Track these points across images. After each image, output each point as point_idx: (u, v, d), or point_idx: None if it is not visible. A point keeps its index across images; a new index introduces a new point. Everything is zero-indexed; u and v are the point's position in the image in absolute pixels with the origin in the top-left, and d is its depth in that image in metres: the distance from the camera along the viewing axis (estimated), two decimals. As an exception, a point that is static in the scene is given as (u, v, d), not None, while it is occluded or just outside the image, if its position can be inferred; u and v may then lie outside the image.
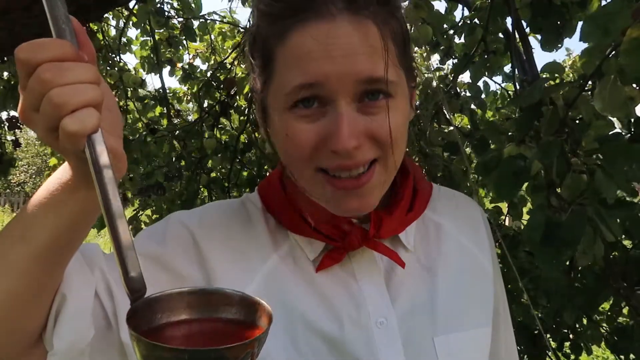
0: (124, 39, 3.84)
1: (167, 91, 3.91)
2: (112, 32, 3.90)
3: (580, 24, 1.03)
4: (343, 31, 0.60)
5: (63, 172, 0.55)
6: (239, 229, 0.76)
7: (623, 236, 1.29)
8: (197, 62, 4.04)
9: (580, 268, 1.54)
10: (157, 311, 0.50)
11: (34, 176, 19.48)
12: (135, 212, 3.03)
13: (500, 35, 2.04)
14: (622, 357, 1.67)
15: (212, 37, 4.08)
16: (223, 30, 4.20)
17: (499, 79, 3.01)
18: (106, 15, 3.79)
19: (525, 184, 1.32)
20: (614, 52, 0.98)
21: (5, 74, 3.17)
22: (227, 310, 0.52)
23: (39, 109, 0.46)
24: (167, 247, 0.72)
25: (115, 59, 3.59)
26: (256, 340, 0.46)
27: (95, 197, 0.49)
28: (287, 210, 0.75)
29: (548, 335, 2.10)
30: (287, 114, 0.64)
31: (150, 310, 0.50)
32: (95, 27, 3.52)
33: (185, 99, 4.12)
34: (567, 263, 1.55)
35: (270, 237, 0.76)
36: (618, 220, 1.19)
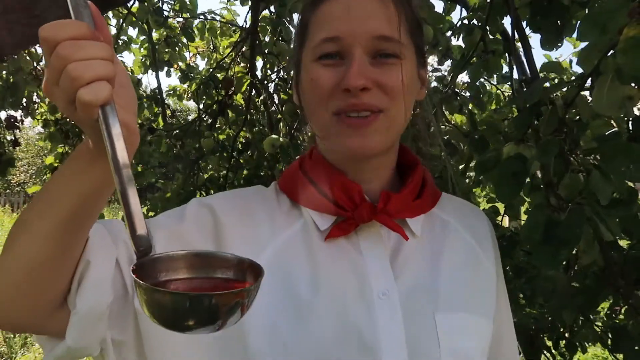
0: (124, 38, 3.85)
1: (167, 89, 3.92)
2: (113, 31, 3.90)
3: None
4: (363, 0, 0.74)
5: (84, 146, 0.60)
6: (254, 207, 0.83)
7: (620, 236, 1.30)
8: (198, 59, 4.05)
9: (576, 267, 1.55)
10: (160, 269, 0.55)
11: (34, 176, 19.43)
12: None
13: (499, 35, 2.05)
14: (619, 356, 1.67)
15: (212, 35, 4.08)
16: (222, 29, 4.20)
17: (493, 80, 3.00)
18: (107, 15, 3.79)
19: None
20: (612, 51, 0.98)
21: (4, 73, 3.17)
22: (225, 271, 0.57)
23: (59, 83, 0.51)
24: (183, 223, 0.78)
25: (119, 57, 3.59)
26: (245, 291, 0.51)
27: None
28: (303, 185, 0.83)
29: (544, 335, 2.11)
30: (314, 63, 0.76)
31: (153, 268, 0.54)
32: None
33: (185, 96, 4.12)
34: (565, 262, 1.56)
35: (284, 217, 0.82)
36: (617, 219, 1.20)
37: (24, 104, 3.65)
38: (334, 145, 0.78)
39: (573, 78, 1.33)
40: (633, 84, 1.14)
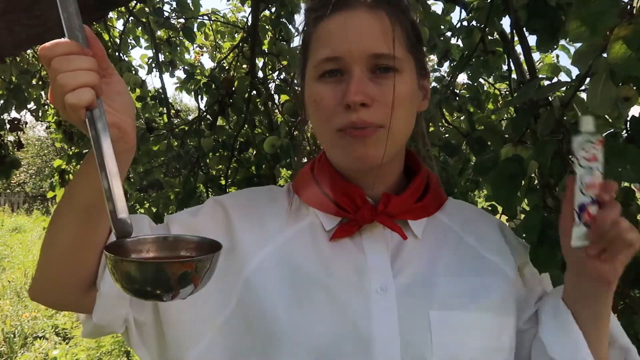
0: (131, 40, 3.86)
1: (175, 81, 3.93)
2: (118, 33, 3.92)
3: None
4: (359, 17, 0.77)
5: None
6: (263, 204, 0.90)
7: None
8: (204, 57, 4.06)
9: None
10: (133, 250, 0.62)
11: (34, 176, 19.46)
12: (131, 206, 3.04)
13: (498, 36, 2.05)
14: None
15: (213, 36, 4.09)
16: (220, 30, 4.21)
17: (491, 79, 3.01)
18: (112, 16, 3.81)
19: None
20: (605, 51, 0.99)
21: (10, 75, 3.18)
22: (189, 250, 0.64)
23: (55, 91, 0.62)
24: (198, 218, 0.87)
25: (123, 57, 3.63)
26: (193, 261, 0.57)
27: (127, 157, 0.72)
28: (311, 187, 0.88)
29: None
30: (316, 82, 0.80)
31: (128, 249, 0.61)
32: (100, 29, 3.54)
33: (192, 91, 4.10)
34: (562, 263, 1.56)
35: (293, 215, 0.87)
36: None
37: (31, 107, 3.69)
38: (339, 157, 0.83)
39: (569, 80, 1.33)
40: (631, 85, 1.15)
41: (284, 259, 0.81)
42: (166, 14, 3.49)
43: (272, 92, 3.11)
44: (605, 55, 1.00)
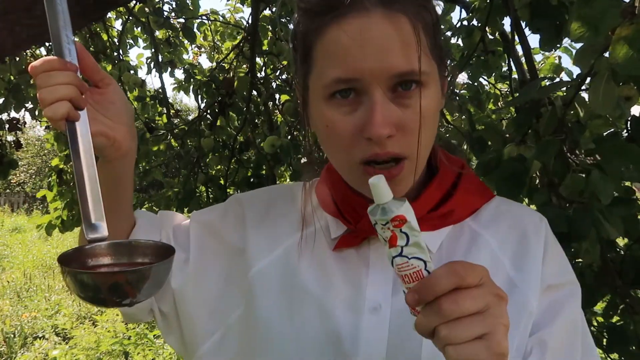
0: (129, 40, 3.86)
1: (173, 82, 3.93)
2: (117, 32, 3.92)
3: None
4: (376, 26, 0.63)
5: None
6: (280, 205, 0.86)
7: (622, 235, 1.30)
8: (203, 58, 4.07)
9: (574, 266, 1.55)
10: (90, 256, 0.65)
11: (34, 176, 19.44)
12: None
13: (498, 36, 2.05)
14: (614, 356, 1.67)
15: (212, 36, 4.09)
16: (220, 30, 4.21)
17: (491, 78, 3.01)
18: (110, 16, 3.81)
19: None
20: (607, 51, 0.99)
21: (8, 75, 3.18)
22: (143, 256, 0.67)
23: None
24: (219, 218, 0.88)
25: (121, 57, 3.63)
26: (124, 272, 0.59)
27: (124, 163, 0.78)
28: (325, 190, 0.83)
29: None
30: (326, 104, 0.67)
31: (85, 255, 0.64)
32: (99, 29, 3.54)
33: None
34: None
35: (305, 216, 0.83)
36: (620, 218, 1.20)
37: (29, 106, 3.68)
38: (360, 189, 0.73)
39: (569, 80, 1.33)
40: (632, 84, 1.15)
41: (286, 266, 0.79)
42: (165, 13, 3.49)
43: (272, 92, 3.11)
44: (606, 55, 1.00)
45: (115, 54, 3.59)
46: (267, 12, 3.28)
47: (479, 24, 2.07)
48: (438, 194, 0.76)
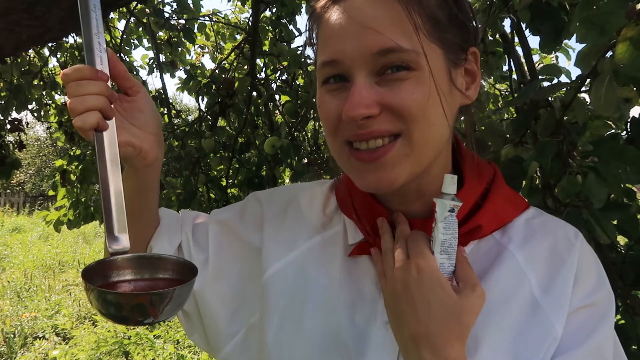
0: (134, 40, 3.87)
1: (177, 82, 3.94)
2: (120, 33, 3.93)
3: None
4: (359, 4, 0.63)
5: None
6: (297, 205, 0.84)
7: (615, 242, 1.30)
8: (205, 58, 4.07)
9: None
10: (112, 269, 0.65)
11: (33, 176, 19.45)
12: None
13: (498, 37, 2.05)
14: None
15: (214, 37, 4.10)
16: (221, 32, 4.22)
17: (491, 79, 3.01)
18: (113, 16, 3.82)
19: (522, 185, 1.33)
20: (610, 52, 0.99)
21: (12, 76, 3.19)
22: (165, 272, 0.67)
23: None
24: (237, 217, 0.87)
25: (124, 58, 3.64)
26: (148, 294, 0.58)
27: (150, 172, 0.77)
28: (345, 194, 0.80)
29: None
30: (321, 89, 0.69)
31: (104, 269, 0.64)
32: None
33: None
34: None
35: (324, 219, 0.82)
36: (614, 222, 1.20)
37: (33, 107, 3.69)
38: (351, 177, 0.71)
39: (568, 81, 1.33)
40: (632, 86, 1.15)
41: (301, 269, 0.77)
42: (167, 14, 3.50)
43: (273, 93, 3.11)
44: (608, 56, 1.00)
45: (118, 55, 3.60)
46: (267, 12, 3.28)
47: (480, 25, 2.07)
48: (463, 210, 0.69)
